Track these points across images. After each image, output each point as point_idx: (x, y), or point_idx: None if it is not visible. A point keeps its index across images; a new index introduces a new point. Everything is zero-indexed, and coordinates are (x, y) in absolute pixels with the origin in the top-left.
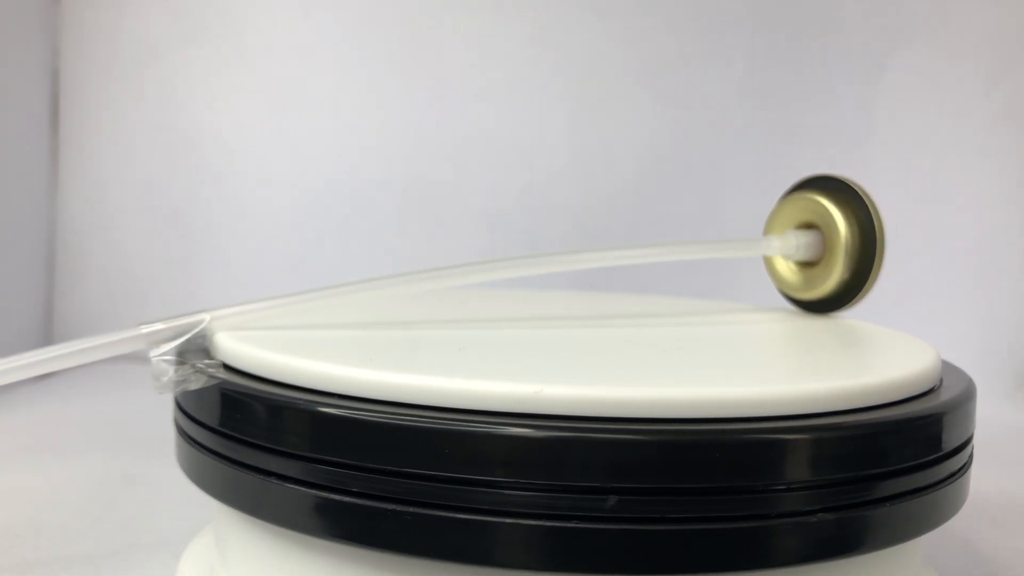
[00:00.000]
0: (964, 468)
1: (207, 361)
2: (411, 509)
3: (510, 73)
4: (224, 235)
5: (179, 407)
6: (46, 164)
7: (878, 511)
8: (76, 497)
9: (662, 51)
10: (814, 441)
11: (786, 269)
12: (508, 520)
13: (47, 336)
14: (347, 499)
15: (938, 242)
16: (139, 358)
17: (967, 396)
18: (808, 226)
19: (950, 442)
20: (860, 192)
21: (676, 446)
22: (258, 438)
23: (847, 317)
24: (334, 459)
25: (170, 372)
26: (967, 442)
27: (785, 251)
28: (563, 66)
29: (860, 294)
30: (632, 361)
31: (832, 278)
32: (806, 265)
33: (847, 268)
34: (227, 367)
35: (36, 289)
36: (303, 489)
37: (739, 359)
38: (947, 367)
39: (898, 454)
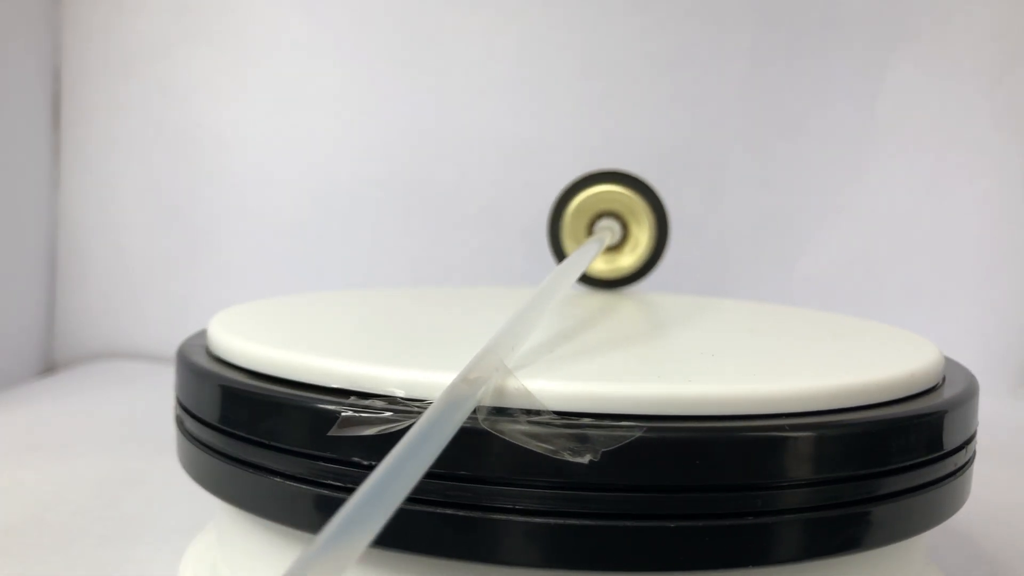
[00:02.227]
0: (966, 465)
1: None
2: (411, 507)
3: (512, 71)
4: (225, 234)
5: (180, 405)
6: (47, 163)
7: (880, 508)
8: (78, 495)
9: (664, 49)
10: (816, 438)
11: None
12: (510, 517)
13: (48, 334)
14: (348, 497)
15: (941, 239)
16: (141, 357)
17: (970, 393)
18: (607, 215)
19: (952, 439)
20: (643, 181)
21: (678, 443)
22: (259, 435)
23: (848, 315)
24: (334, 456)
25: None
26: (970, 439)
27: (613, 241)
28: (565, 64)
29: (654, 268)
30: (633, 358)
31: (638, 255)
32: (608, 249)
33: (649, 247)
34: (227, 364)
35: (37, 287)
36: (304, 487)
37: (740, 356)
38: (950, 364)
39: (900, 451)
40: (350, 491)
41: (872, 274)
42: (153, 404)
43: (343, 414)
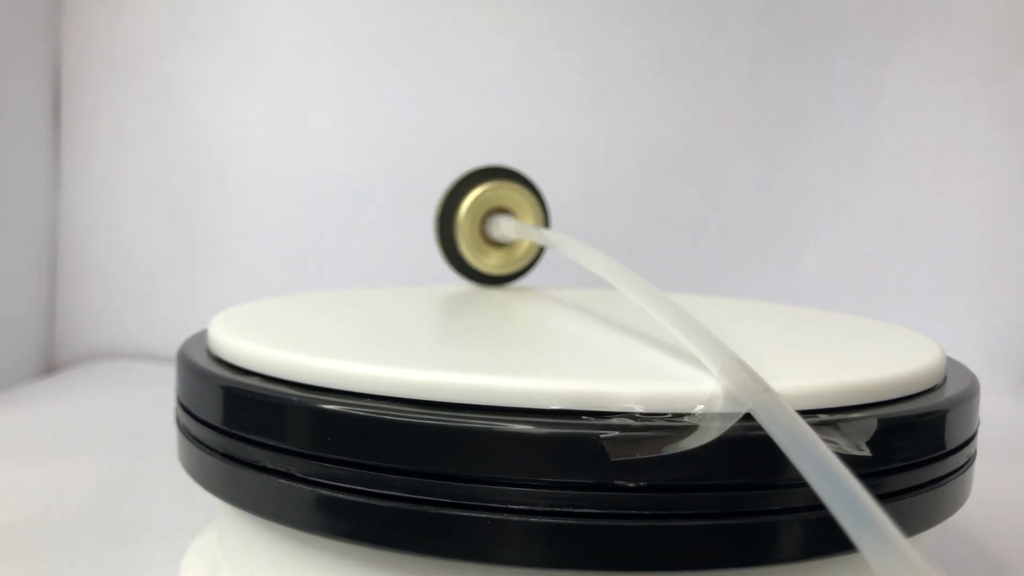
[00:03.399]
0: (967, 464)
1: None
2: (413, 507)
3: (512, 70)
4: (226, 233)
5: (180, 405)
6: (48, 162)
7: (882, 507)
8: (79, 494)
9: (664, 47)
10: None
11: (476, 251)
12: (512, 517)
13: (49, 334)
14: (349, 497)
15: (941, 238)
16: (142, 357)
17: (971, 392)
18: (497, 212)
19: (954, 438)
20: (524, 176)
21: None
22: (260, 435)
23: (849, 314)
24: (335, 456)
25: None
26: (971, 438)
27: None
28: (565, 63)
29: (535, 264)
30: (634, 357)
31: (529, 250)
32: (497, 246)
33: (534, 246)
34: (228, 364)
35: (38, 287)
36: (305, 487)
37: (741, 355)
38: (951, 363)
39: (901, 450)
40: (349, 491)
41: (873, 273)
42: (153, 404)
43: (605, 436)
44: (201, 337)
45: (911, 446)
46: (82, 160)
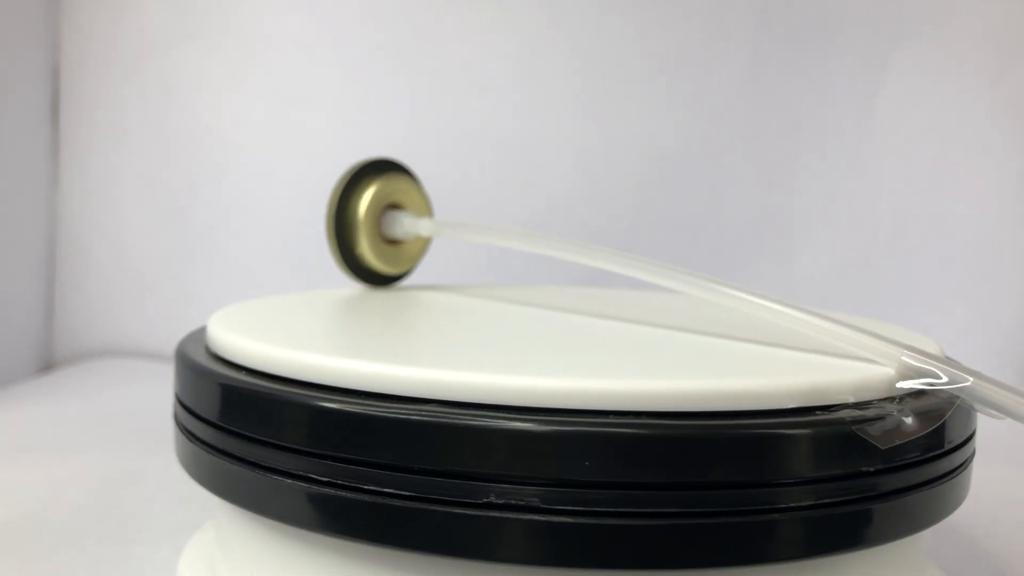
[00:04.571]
0: (966, 464)
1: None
2: (410, 504)
3: (512, 69)
4: (225, 232)
5: (179, 403)
6: (47, 160)
7: (880, 505)
8: (77, 493)
9: (664, 47)
10: (816, 435)
11: (371, 248)
12: (509, 515)
13: (47, 332)
14: (348, 494)
15: (940, 237)
16: (140, 355)
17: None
18: (391, 208)
19: (953, 437)
20: (409, 169)
21: (677, 440)
22: (258, 433)
23: (848, 313)
24: (333, 454)
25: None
26: (970, 437)
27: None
28: (566, 62)
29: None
30: (632, 355)
31: (419, 249)
32: (393, 244)
33: (426, 241)
34: (227, 362)
35: (36, 285)
36: (302, 485)
37: (740, 353)
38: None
39: (900, 448)
40: (347, 488)
41: (872, 273)
42: (152, 402)
43: (851, 415)
44: (200, 335)
45: (910, 444)
46: (81, 158)
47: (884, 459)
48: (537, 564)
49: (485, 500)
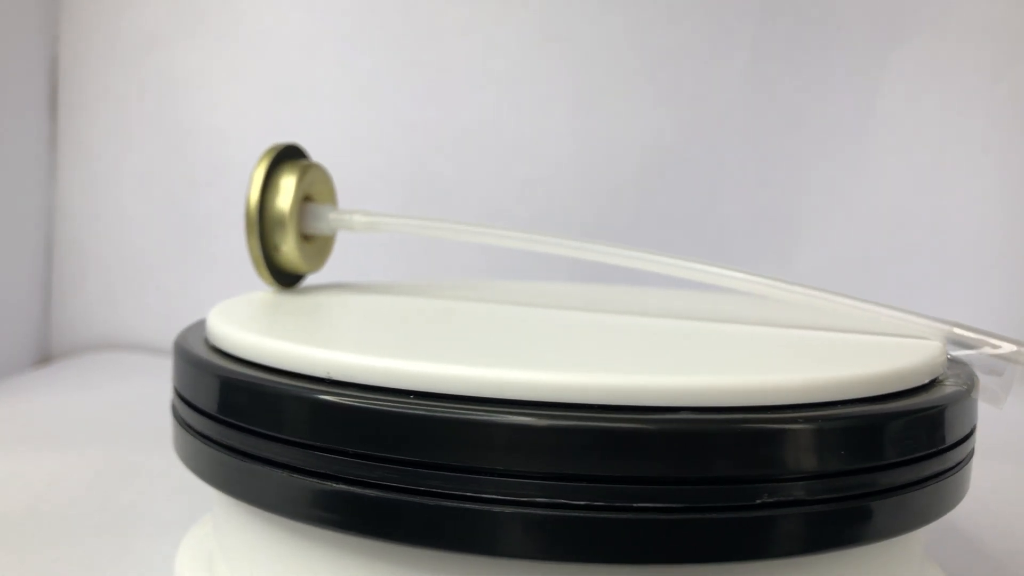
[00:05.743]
0: (966, 460)
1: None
2: (409, 498)
3: (512, 65)
4: (223, 225)
5: (178, 395)
6: (44, 153)
7: (879, 502)
8: (75, 486)
9: (663, 44)
10: (815, 431)
11: (297, 246)
12: (509, 509)
13: (45, 325)
14: (345, 487)
15: (940, 235)
16: (138, 349)
17: (969, 388)
18: (308, 200)
19: (952, 434)
20: (309, 157)
21: (677, 435)
22: (257, 426)
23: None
24: (332, 447)
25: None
26: (969, 434)
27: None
28: (565, 58)
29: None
30: (633, 351)
31: (329, 243)
32: (308, 240)
33: (334, 236)
34: (226, 354)
35: (34, 278)
36: (301, 477)
37: (739, 348)
38: (950, 359)
39: (900, 445)
40: (345, 481)
41: (872, 271)
42: (149, 395)
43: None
44: (199, 327)
45: (909, 441)
46: (79, 151)
47: (881, 456)
48: (537, 558)
49: (483, 494)
